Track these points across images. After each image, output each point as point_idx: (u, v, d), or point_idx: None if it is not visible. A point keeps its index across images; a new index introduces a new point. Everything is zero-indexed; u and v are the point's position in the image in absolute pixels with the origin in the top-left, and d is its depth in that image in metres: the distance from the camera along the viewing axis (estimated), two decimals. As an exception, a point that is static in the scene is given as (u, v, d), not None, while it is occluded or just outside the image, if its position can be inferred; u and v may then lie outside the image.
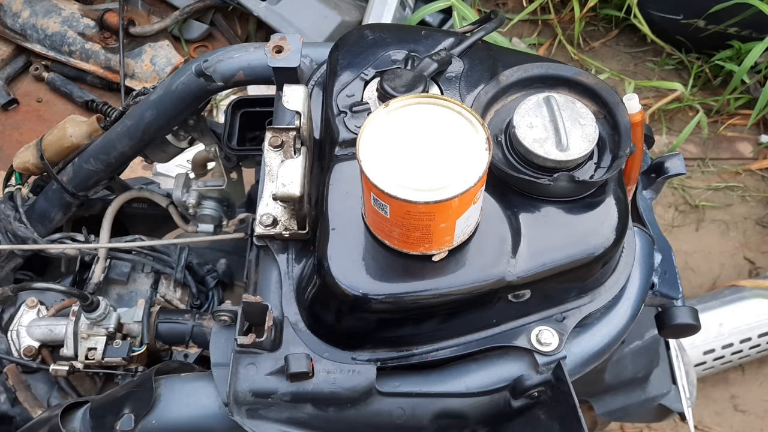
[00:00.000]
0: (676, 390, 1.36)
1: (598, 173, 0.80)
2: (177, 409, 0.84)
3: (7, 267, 1.32)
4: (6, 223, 1.24)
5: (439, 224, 0.69)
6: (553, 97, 0.79)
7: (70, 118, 1.24)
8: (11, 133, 2.49)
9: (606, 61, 2.64)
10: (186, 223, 1.36)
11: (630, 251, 0.87)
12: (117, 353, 1.11)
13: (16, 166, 1.28)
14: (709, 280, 2.24)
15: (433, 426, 0.84)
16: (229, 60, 1.04)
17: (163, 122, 1.13)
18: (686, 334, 0.95)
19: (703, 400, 2.04)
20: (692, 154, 2.47)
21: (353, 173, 0.74)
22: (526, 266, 0.76)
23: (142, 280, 1.28)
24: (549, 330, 0.81)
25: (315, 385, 0.79)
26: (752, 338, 1.93)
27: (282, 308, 0.83)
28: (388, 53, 0.89)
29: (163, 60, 2.45)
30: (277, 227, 0.84)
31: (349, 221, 0.77)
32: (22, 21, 2.49)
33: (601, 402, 1.31)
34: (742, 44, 2.37)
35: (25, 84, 2.61)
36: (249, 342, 0.77)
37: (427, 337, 0.81)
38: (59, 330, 1.14)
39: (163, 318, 1.16)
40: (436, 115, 0.70)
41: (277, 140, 0.87)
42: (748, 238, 2.33)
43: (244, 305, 0.78)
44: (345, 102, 0.86)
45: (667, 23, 2.46)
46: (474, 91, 0.86)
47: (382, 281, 0.75)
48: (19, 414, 1.15)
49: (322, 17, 2.38)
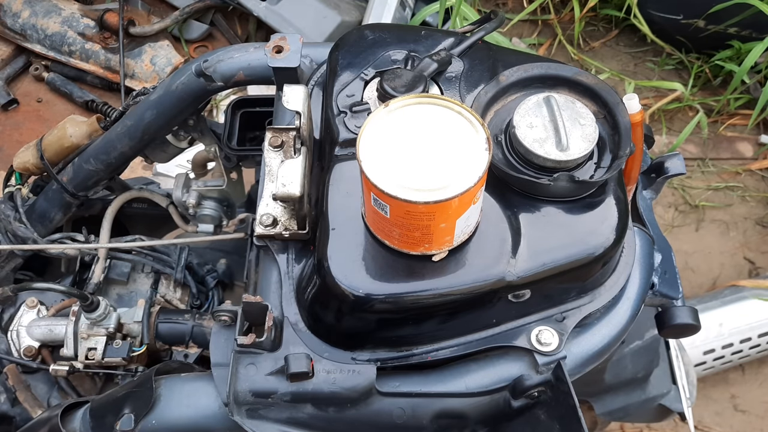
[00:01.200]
0: (676, 390, 1.36)
1: (598, 173, 0.80)
2: (177, 409, 0.84)
3: (7, 267, 1.32)
4: (6, 223, 1.24)
5: (439, 224, 0.69)
6: (553, 97, 0.79)
7: (70, 118, 1.24)
8: (11, 133, 2.49)
9: (606, 61, 2.64)
10: (186, 223, 1.36)
11: (630, 251, 0.87)
12: (117, 353, 1.11)
13: (16, 166, 1.28)
14: (709, 280, 2.24)
15: (433, 426, 0.84)
16: (229, 60, 1.04)
17: (163, 122, 1.13)
18: (686, 334, 0.95)
19: (703, 400, 2.04)
20: (692, 154, 2.47)
21: (353, 173, 0.74)
22: (526, 266, 0.76)
23: (142, 280, 1.28)
24: (549, 330, 0.81)
25: (315, 385, 0.79)
26: (752, 338, 1.93)
27: (282, 308, 0.83)
28: (388, 53, 0.89)
29: (163, 60, 2.45)
30: (277, 227, 0.84)
31: (349, 221, 0.77)
32: (22, 21, 2.49)
33: (601, 402, 1.31)
34: (742, 44, 2.37)
35: (25, 84, 2.61)
36: (249, 342, 0.77)
37: (427, 337, 0.81)
38: (59, 330, 1.14)
39: (163, 318, 1.16)
40: (436, 115, 0.70)
41: (277, 140, 0.87)
42: (748, 238, 2.33)
43: (244, 305, 0.78)
44: (345, 102, 0.86)
45: (667, 23, 2.46)
46: (474, 91, 0.86)
47: (382, 281, 0.75)
48: (19, 414, 1.15)
49: (322, 17, 2.38)
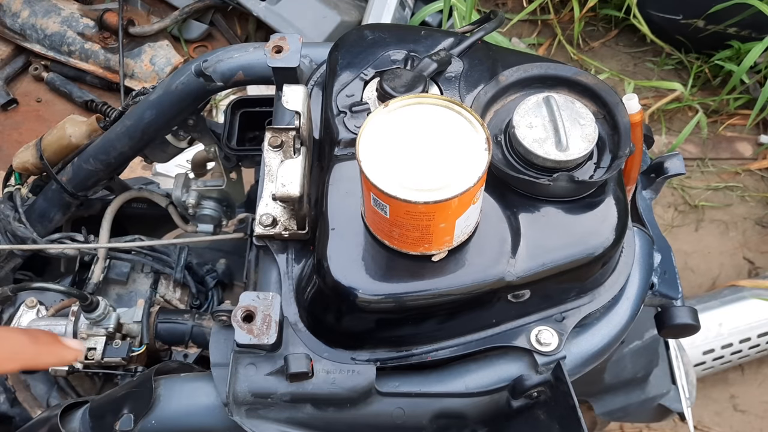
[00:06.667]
0: (676, 390, 1.36)
1: (598, 173, 0.80)
2: (177, 409, 0.84)
3: (7, 267, 1.32)
4: (5, 223, 1.24)
5: (439, 224, 0.69)
6: (552, 97, 0.79)
7: (69, 118, 1.24)
8: (11, 133, 2.49)
9: (605, 61, 2.64)
10: (186, 223, 1.36)
11: (630, 251, 0.87)
12: (116, 353, 1.11)
13: (16, 166, 1.28)
14: (709, 280, 2.24)
15: (433, 426, 0.84)
16: (228, 60, 1.04)
17: (163, 122, 1.13)
18: (686, 334, 0.95)
19: (703, 400, 2.04)
20: (692, 154, 2.47)
21: (353, 173, 0.74)
22: (525, 266, 0.76)
23: (141, 280, 1.28)
24: (549, 330, 0.81)
25: (315, 385, 0.79)
26: (752, 338, 1.93)
27: (281, 308, 0.83)
28: (388, 53, 0.89)
29: (162, 60, 2.45)
30: (277, 227, 0.84)
31: (348, 221, 0.77)
32: (22, 21, 2.49)
33: (601, 402, 1.31)
34: (742, 44, 2.37)
35: (25, 84, 2.60)
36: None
37: (427, 337, 0.81)
38: (59, 330, 1.14)
39: (163, 318, 1.16)
40: (436, 115, 0.70)
41: (276, 140, 0.87)
42: (747, 238, 2.33)
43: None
44: (344, 102, 0.86)
45: (667, 23, 2.46)
46: (474, 91, 0.86)
47: (382, 281, 0.75)
48: (18, 414, 1.15)
49: (321, 17, 2.38)
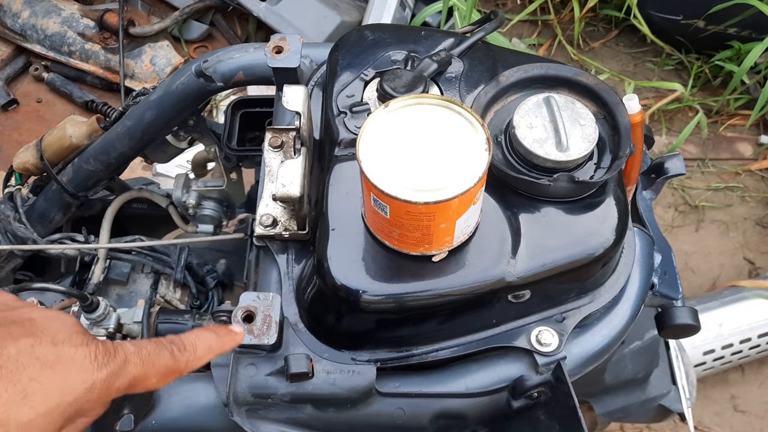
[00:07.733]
0: (676, 390, 1.36)
1: (598, 174, 0.80)
2: (177, 409, 0.84)
3: (7, 267, 1.32)
4: (6, 223, 1.24)
5: (439, 224, 0.69)
6: (552, 97, 0.79)
7: (69, 119, 1.24)
8: (11, 134, 2.49)
9: (606, 61, 2.64)
10: (186, 224, 1.36)
11: (630, 252, 0.87)
12: (117, 353, 1.11)
13: (16, 167, 1.28)
14: (709, 281, 2.24)
15: (433, 426, 0.84)
16: (228, 60, 1.04)
17: (163, 122, 1.13)
18: (686, 335, 0.95)
19: (703, 401, 2.04)
20: (692, 155, 2.47)
21: (353, 173, 0.74)
22: (526, 266, 0.75)
23: (141, 281, 1.27)
24: (549, 330, 0.81)
25: (315, 385, 0.79)
26: (752, 339, 1.93)
27: (282, 308, 0.83)
28: (388, 53, 0.89)
29: (162, 60, 2.45)
30: (277, 228, 0.84)
31: (349, 221, 0.77)
32: (22, 21, 2.49)
33: (601, 402, 1.31)
34: (742, 44, 2.37)
35: (25, 84, 2.61)
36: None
37: (427, 338, 0.81)
38: (59, 330, 1.14)
39: (163, 318, 1.15)
40: (436, 116, 0.70)
41: (276, 140, 0.87)
42: (747, 238, 2.33)
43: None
44: (345, 102, 0.86)
45: (667, 23, 2.46)
46: (474, 91, 0.86)
47: (382, 282, 0.75)
48: (18, 414, 1.15)
49: (322, 17, 2.38)
